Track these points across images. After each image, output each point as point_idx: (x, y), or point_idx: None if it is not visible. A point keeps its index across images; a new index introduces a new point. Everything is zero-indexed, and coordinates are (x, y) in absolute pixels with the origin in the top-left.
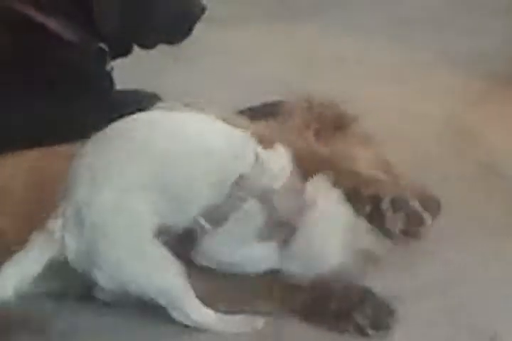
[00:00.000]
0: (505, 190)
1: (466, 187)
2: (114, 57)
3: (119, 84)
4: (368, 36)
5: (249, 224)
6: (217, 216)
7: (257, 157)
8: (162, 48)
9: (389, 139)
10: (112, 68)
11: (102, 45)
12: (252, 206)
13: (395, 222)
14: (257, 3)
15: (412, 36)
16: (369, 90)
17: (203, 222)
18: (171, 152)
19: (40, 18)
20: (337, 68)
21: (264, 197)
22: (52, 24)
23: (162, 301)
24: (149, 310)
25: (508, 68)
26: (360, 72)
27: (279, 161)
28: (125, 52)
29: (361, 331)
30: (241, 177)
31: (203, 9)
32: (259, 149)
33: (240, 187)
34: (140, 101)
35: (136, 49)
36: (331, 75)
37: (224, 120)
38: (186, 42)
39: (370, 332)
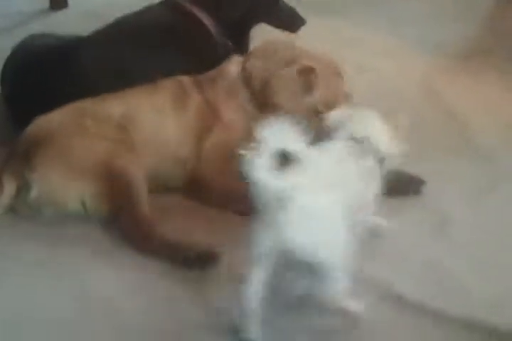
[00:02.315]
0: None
1: (432, 130)
2: (235, 52)
3: None
4: (371, 27)
5: None
6: None
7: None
8: None
9: (376, 93)
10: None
11: (228, 41)
12: None
13: None
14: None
15: (400, 29)
16: (366, 62)
17: None
18: None
19: (199, 14)
20: (352, 47)
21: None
22: (203, 16)
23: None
24: None
25: (462, 51)
26: (365, 50)
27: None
28: (245, 48)
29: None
30: None
31: None
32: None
33: None
34: None
35: None
36: (348, 51)
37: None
38: None
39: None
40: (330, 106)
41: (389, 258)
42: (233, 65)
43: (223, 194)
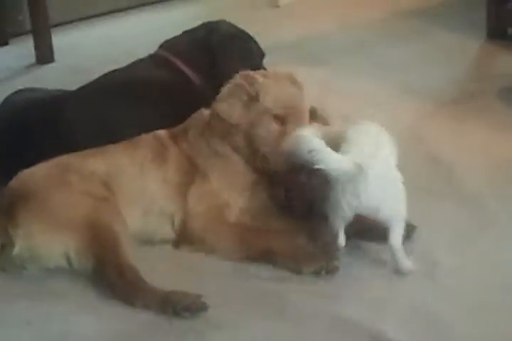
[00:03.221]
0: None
1: (419, 176)
2: None
3: None
4: (354, 74)
5: None
6: None
7: None
8: None
9: None
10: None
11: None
12: None
13: None
14: (289, 53)
15: (384, 76)
16: (352, 109)
17: None
18: None
19: (182, 67)
20: (336, 95)
21: None
22: (189, 72)
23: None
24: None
25: (447, 96)
26: (349, 98)
27: None
28: None
29: None
30: None
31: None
32: None
33: None
34: None
35: None
36: (332, 99)
37: None
38: None
39: None
40: (290, 111)
41: (377, 301)
42: (202, 113)
43: (216, 242)
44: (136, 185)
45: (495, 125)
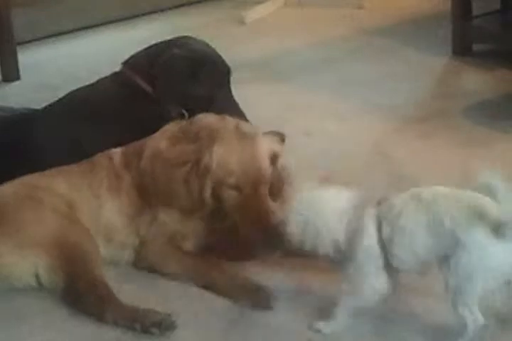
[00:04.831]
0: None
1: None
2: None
3: None
4: (320, 91)
5: None
6: None
7: None
8: None
9: (327, 157)
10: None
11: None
12: None
13: None
14: (254, 70)
15: (349, 92)
16: (315, 126)
17: None
18: None
19: (142, 84)
20: (301, 112)
21: None
22: (150, 90)
23: None
24: None
25: (412, 113)
26: (314, 114)
27: None
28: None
29: None
30: None
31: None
32: None
33: None
34: None
35: None
36: (297, 116)
37: None
38: None
39: None
40: (243, 179)
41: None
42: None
43: (164, 269)
44: (94, 212)
45: (459, 142)
